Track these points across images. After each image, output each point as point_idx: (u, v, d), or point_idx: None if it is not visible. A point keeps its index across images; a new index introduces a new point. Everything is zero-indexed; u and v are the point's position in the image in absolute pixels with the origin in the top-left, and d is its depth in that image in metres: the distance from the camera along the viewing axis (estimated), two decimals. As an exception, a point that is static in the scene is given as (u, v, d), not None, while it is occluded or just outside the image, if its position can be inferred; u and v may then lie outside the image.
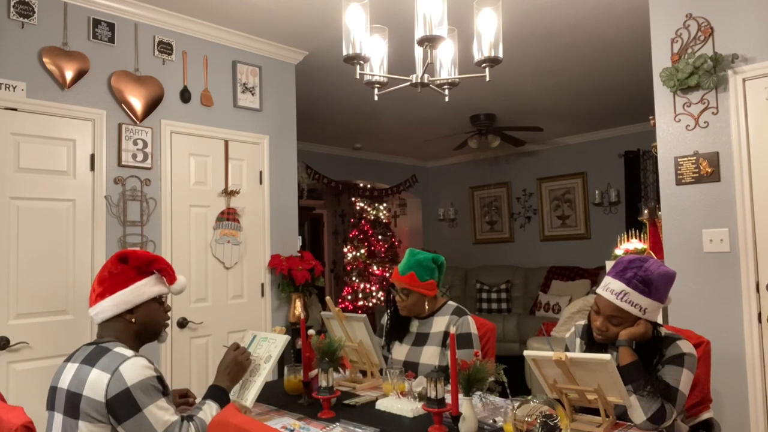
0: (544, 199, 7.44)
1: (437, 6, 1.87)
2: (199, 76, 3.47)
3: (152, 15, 3.23)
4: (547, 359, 1.63)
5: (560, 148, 7.25)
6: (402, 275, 2.32)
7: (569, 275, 6.69)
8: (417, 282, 2.29)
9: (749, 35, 2.64)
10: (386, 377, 2.03)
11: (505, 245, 7.84)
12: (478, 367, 1.68)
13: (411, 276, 2.29)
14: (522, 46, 3.92)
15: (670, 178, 2.88)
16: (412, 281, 2.29)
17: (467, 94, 4.99)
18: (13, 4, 2.75)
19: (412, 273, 2.29)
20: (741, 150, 2.64)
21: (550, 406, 1.50)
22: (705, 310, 2.73)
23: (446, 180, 8.53)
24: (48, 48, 2.84)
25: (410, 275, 2.29)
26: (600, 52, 4.11)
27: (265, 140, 3.79)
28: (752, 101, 2.63)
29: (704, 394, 1.97)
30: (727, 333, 2.66)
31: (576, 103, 5.52)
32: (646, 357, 1.70)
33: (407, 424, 1.75)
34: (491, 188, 7.99)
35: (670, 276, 1.74)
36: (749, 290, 2.62)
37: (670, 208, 2.88)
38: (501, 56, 2.00)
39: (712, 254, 2.73)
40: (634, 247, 3.21)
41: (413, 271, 2.30)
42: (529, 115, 5.90)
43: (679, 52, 2.83)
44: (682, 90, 2.80)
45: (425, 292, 2.31)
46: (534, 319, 6.50)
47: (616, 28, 3.66)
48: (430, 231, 8.65)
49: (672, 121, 2.86)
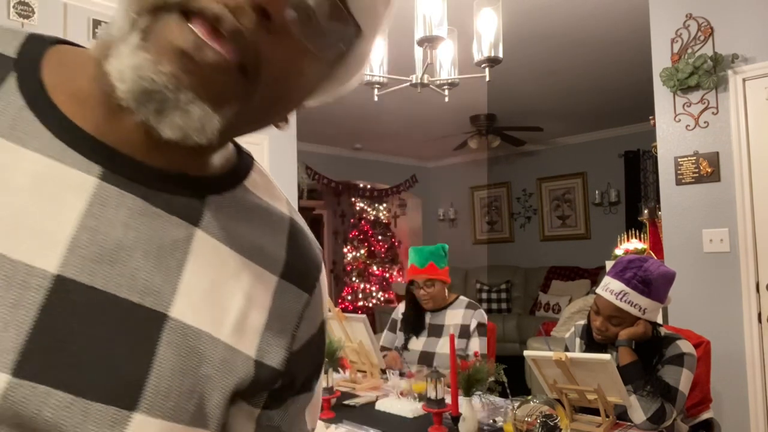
0: (544, 199, 7.43)
1: (437, 6, 1.87)
2: (199, 76, 3.48)
3: (152, 15, 3.23)
4: (547, 359, 1.63)
5: (560, 148, 7.25)
6: (422, 268, 2.39)
7: (569, 275, 6.69)
8: (437, 270, 2.38)
9: (749, 35, 2.64)
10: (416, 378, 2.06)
11: (505, 245, 7.84)
12: (478, 367, 1.68)
13: (431, 266, 2.38)
14: (522, 46, 3.92)
15: (670, 178, 2.88)
16: (434, 271, 2.38)
17: (467, 94, 4.99)
18: (13, 4, 2.75)
19: (431, 263, 2.38)
20: (741, 150, 2.64)
21: (550, 406, 1.51)
22: (705, 310, 2.73)
23: (446, 180, 8.53)
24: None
25: (430, 265, 2.38)
26: (600, 52, 4.11)
27: (265, 141, 3.79)
28: (752, 101, 2.63)
29: (704, 394, 1.97)
30: (727, 333, 2.66)
31: (576, 103, 5.52)
32: (645, 357, 1.70)
33: (407, 425, 1.75)
34: (491, 188, 7.98)
35: (670, 276, 1.74)
36: (749, 290, 2.62)
37: (670, 208, 2.88)
38: (501, 56, 2.00)
39: (712, 254, 2.73)
40: (634, 247, 3.21)
41: (431, 261, 2.38)
42: (529, 115, 5.90)
43: (679, 52, 2.83)
44: (682, 90, 2.80)
45: (445, 278, 2.42)
46: (534, 319, 6.49)
47: (616, 28, 3.66)
48: (430, 231, 8.65)
49: (672, 121, 2.86)
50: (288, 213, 0.52)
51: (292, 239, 0.50)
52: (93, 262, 0.37)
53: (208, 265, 0.42)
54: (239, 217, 0.46)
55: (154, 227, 0.40)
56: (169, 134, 0.37)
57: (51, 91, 0.40)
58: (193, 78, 0.36)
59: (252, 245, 0.46)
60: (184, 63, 0.35)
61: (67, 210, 0.37)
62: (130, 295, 0.38)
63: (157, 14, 0.36)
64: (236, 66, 0.37)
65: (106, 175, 0.39)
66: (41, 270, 0.35)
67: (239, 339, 0.43)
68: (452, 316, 2.43)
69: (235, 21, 0.36)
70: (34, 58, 0.42)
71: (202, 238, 0.43)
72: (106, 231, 0.38)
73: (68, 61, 0.42)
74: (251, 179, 0.50)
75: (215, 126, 0.38)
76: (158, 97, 0.36)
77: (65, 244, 0.36)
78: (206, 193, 0.44)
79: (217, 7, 0.35)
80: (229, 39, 0.36)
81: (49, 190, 0.37)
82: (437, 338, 2.41)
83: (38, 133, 0.38)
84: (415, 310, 2.49)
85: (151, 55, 0.35)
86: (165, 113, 0.37)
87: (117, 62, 0.36)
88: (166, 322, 0.39)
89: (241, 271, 0.44)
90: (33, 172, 0.37)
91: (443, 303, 2.46)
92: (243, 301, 0.44)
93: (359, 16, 0.41)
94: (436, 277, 2.39)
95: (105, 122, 0.40)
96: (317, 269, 0.52)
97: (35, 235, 0.36)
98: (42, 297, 0.35)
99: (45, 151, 0.38)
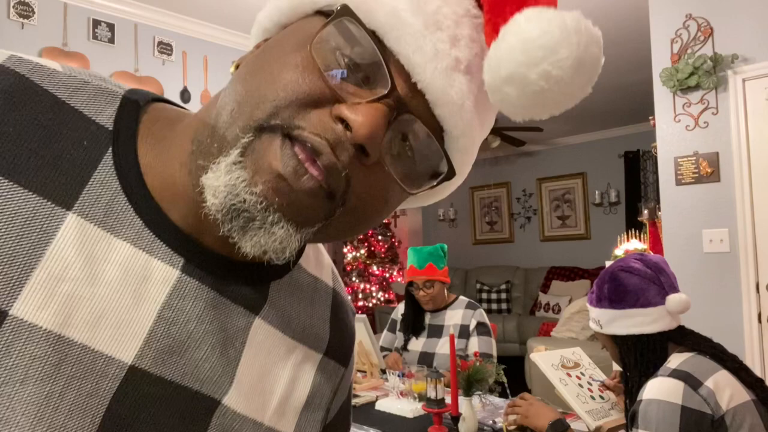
0: (544, 199, 7.43)
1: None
2: (199, 76, 3.47)
3: (152, 15, 3.23)
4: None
5: (560, 148, 7.25)
6: (421, 269, 2.39)
7: (569, 275, 6.68)
8: (437, 271, 2.39)
9: (749, 35, 2.64)
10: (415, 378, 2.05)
11: (505, 245, 7.83)
12: (478, 367, 1.68)
13: (430, 267, 2.38)
14: (522, 47, 3.92)
15: (670, 179, 2.88)
16: (433, 272, 2.38)
17: (467, 95, 4.98)
18: (13, 4, 2.75)
19: (430, 264, 2.38)
20: (741, 150, 2.64)
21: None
22: (705, 310, 2.73)
23: (446, 180, 8.53)
24: (48, 48, 2.84)
25: (429, 266, 2.38)
26: (600, 53, 4.11)
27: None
28: (752, 101, 2.63)
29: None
30: (727, 333, 2.65)
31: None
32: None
33: (407, 425, 1.75)
34: (491, 188, 7.98)
35: (611, 270, 1.37)
36: (749, 290, 2.62)
37: (670, 208, 2.88)
38: (501, 56, 2.00)
39: (712, 254, 2.73)
40: (634, 248, 3.21)
41: (430, 262, 2.38)
42: (529, 116, 5.90)
43: (678, 52, 2.83)
44: (682, 90, 2.80)
45: (444, 279, 2.42)
46: (534, 319, 6.49)
47: (616, 28, 3.66)
48: (430, 231, 8.65)
49: (672, 121, 2.86)
50: (331, 284, 0.54)
51: (334, 314, 0.52)
52: (165, 354, 0.38)
53: (261, 352, 0.44)
54: (293, 299, 0.48)
55: (221, 318, 0.42)
56: (249, 251, 0.38)
57: (145, 173, 0.40)
58: (283, 200, 0.36)
59: (302, 326, 0.48)
60: (279, 186, 0.36)
61: (149, 302, 0.38)
62: (192, 383, 0.39)
63: (260, 133, 0.36)
64: (326, 193, 0.37)
65: (186, 267, 0.40)
66: (118, 361, 0.37)
67: (280, 419, 0.45)
68: (452, 316, 2.43)
69: (334, 157, 0.36)
70: (131, 130, 0.41)
71: (258, 326, 0.44)
72: (181, 323, 0.39)
73: (165, 134, 0.42)
74: (305, 255, 0.51)
75: (295, 246, 0.38)
76: (246, 216, 0.36)
77: (143, 337, 0.38)
78: (270, 280, 0.46)
79: (318, 141, 0.36)
80: (323, 170, 0.36)
81: (135, 282, 0.38)
82: (437, 339, 2.41)
83: (131, 222, 0.39)
84: (415, 310, 2.49)
85: (247, 173, 0.36)
86: (249, 231, 0.37)
87: (214, 178, 0.36)
88: (218, 408, 0.41)
89: (290, 354, 0.47)
90: (122, 264, 0.38)
91: (443, 303, 2.46)
92: (288, 383, 0.46)
93: (455, 155, 0.41)
94: (435, 277, 2.39)
95: (192, 216, 0.40)
96: (352, 339, 0.55)
97: (117, 326, 0.37)
98: (116, 386, 0.36)
99: (135, 242, 0.38)
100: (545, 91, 0.38)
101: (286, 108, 0.36)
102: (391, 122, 0.37)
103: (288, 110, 0.36)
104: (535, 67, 0.37)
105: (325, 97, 0.37)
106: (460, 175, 0.45)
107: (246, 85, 0.38)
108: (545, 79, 0.37)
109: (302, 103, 0.36)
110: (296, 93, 0.36)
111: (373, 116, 0.36)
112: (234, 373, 0.42)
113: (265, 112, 0.36)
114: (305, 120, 0.36)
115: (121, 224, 0.38)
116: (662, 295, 1.31)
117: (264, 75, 0.38)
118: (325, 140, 0.36)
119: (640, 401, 1.20)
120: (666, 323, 1.30)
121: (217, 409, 0.41)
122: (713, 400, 1.15)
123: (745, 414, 1.16)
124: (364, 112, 0.36)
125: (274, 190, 0.36)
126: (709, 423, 1.14)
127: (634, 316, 1.30)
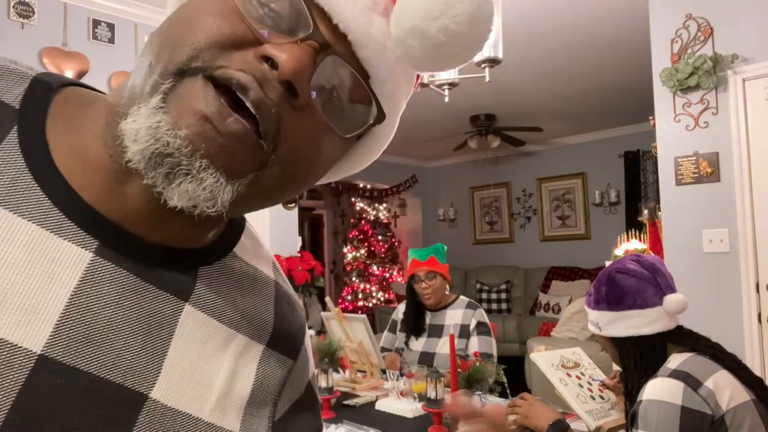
0: (544, 199, 7.43)
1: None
2: (199, 76, 3.48)
3: (152, 15, 3.23)
4: None
5: (560, 148, 7.25)
6: (423, 261, 2.41)
7: (569, 275, 6.69)
8: (439, 264, 2.40)
9: (749, 35, 2.64)
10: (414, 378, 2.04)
11: (505, 245, 7.83)
12: (478, 367, 1.68)
13: (432, 259, 2.40)
14: (522, 46, 3.92)
15: (669, 179, 2.88)
16: (435, 264, 2.40)
17: (467, 94, 4.99)
18: (13, 4, 2.75)
19: (432, 256, 2.41)
20: (741, 150, 2.64)
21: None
22: (705, 310, 2.72)
23: (446, 180, 8.53)
24: (48, 48, 2.84)
25: (431, 258, 2.40)
26: (600, 52, 4.11)
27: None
28: (752, 101, 2.63)
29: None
30: (727, 333, 2.65)
31: (576, 103, 5.52)
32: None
33: (407, 425, 1.75)
34: (491, 188, 7.98)
35: (605, 275, 1.38)
36: (749, 290, 2.62)
37: (670, 208, 2.88)
38: (501, 56, 2.00)
39: (712, 254, 2.73)
40: (634, 248, 3.21)
41: (432, 255, 2.41)
42: (529, 115, 5.90)
43: (678, 52, 2.83)
44: (681, 90, 2.80)
45: (446, 274, 2.44)
46: (534, 319, 6.49)
47: (616, 28, 3.66)
48: (430, 231, 8.65)
49: (672, 121, 2.86)
50: (273, 276, 0.51)
51: (277, 305, 0.50)
52: (79, 342, 0.35)
53: (193, 341, 0.41)
54: (228, 287, 0.45)
55: (144, 305, 0.39)
56: (177, 202, 0.36)
57: (54, 150, 0.38)
58: (210, 145, 0.34)
59: (240, 315, 0.45)
60: (205, 129, 0.34)
61: (59, 287, 0.35)
62: (114, 375, 0.36)
63: (181, 77, 0.35)
64: (256, 137, 0.36)
65: (101, 250, 0.38)
66: (25, 350, 0.34)
67: (222, 415, 0.42)
68: (452, 316, 2.43)
69: (262, 92, 0.35)
70: (39, 108, 0.39)
71: (189, 313, 0.41)
72: (96, 309, 0.37)
73: (77, 113, 0.40)
74: (240, 243, 0.49)
75: (227, 197, 0.36)
76: (170, 161, 0.34)
77: (53, 323, 0.35)
78: (199, 265, 0.43)
79: (244, 77, 0.35)
80: (252, 109, 0.35)
81: (43, 264, 0.35)
82: (437, 338, 2.41)
83: (37, 200, 0.36)
84: (416, 309, 2.48)
85: (170, 117, 0.34)
86: (175, 179, 0.35)
87: (134, 122, 0.35)
88: (146, 403, 0.38)
89: (227, 344, 0.44)
90: (28, 245, 0.35)
91: (444, 301, 2.47)
92: (228, 375, 0.43)
93: (383, 100, 0.41)
94: (437, 269, 2.40)
95: (108, 191, 0.38)
96: (302, 331, 0.52)
97: (23, 313, 0.34)
98: (24, 377, 0.33)
99: (42, 222, 0.36)
100: (444, 45, 0.39)
101: (207, 50, 0.35)
102: (317, 64, 0.37)
103: (209, 52, 0.35)
104: (435, 21, 0.38)
105: (248, 40, 0.36)
106: (390, 125, 0.45)
107: (162, 37, 0.37)
108: (444, 33, 0.39)
109: (223, 45, 0.35)
110: (216, 35, 0.35)
111: (298, 54, 0.36)
112: (161, 363, 0.39)
113: (184, 55, 0.35)
114: (228, 60, 0.35)
115: (26, 203, 0.36)
116: (660, 296, 1.31)
117: (182, 23, 0.37)
118: (251, 75, 0.35)
119: (640, 402, 1.20)
120: (664, 324, 1.30)
121: (145, 404, 0.37)
122: (713, 400, 1.16)
123: (745, 414, 1.16)
124: (289, 50, 0.35)
125: (199, 135, 0.34)
126: (709, 423, 1.15)
127: (632, 318, 1.30)
